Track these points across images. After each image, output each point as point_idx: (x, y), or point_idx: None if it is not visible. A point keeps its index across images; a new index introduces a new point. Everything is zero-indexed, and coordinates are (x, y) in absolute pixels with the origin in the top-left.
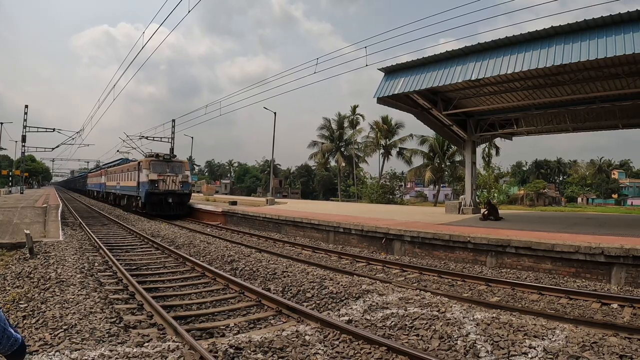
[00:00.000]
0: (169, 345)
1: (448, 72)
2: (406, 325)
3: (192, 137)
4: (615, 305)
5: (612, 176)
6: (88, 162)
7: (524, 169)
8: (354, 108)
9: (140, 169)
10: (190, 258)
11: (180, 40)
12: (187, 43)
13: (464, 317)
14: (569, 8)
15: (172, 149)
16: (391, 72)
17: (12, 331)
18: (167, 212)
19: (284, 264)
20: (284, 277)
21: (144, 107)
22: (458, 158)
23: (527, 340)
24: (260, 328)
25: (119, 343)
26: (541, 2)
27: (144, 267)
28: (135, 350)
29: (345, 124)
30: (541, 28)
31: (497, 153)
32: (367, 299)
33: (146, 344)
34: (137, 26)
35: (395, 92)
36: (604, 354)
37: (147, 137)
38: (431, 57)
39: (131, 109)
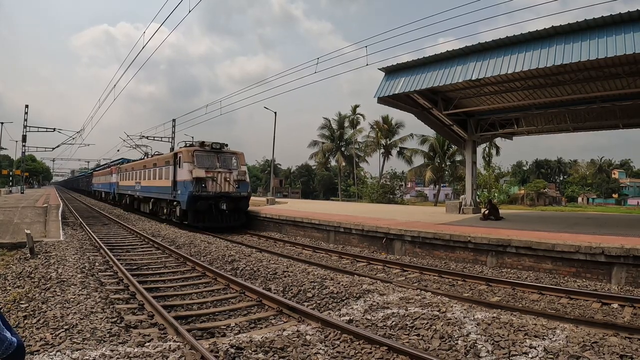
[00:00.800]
0: (170, 345)
1: (448, 72)
2: (407, 325)
3: (193, 137)
4: (615, 305)
5: (613, 176)
6: (88, 162)
7: (525, 168)
8: (355, 108)
9: (179, 162)
10: (191, 258)
11: (180, 40)
12: (187, 42)
13: (464, 317)
14: (569, 8)
15: (172, 148)
16: (391, 72)
17: (7, 334)
18: (219, 223)
19: (284, 264)
20: (285, 277)
21: (144, 106)
22: (458, 158)
23: (527, 340)
24: (261, 328)
25: (120, 343)
26: (541, 2)
27: (145, 267)
28: (136, 350)
29: (346, 124)
30: (542, 28)
31: (498, 153)
32: (368, 298)
33: (147, 344)
34: (137, 25)
35: (396, 92)
36: (604, 354)
37: (147, 137)
38: (431, 57)
39: (131, 108)
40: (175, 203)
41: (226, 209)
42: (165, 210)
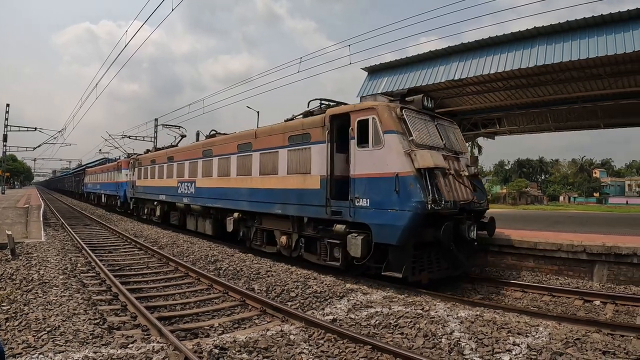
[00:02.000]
0: (154, 346)
1: (431, 72)
2: (390, 323)
3: (175, 137)
4: (597, 302)
5: (594, 175)
6: (70, 162)
7: (507, 168)
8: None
9: (366, 131)
10: (174, 258)
11: (163, 38)
12: (170, 40)
13: (447, 315)
14: (552, 8)
15: (155, 148)
16: (374, 71)
17: None
18: (455, 269)
19: (267, 264)
20: (268, 276)
21: (126, 105)
22: None
23: (510, 338)
24: (245, 328)
25: (103, 344)
26: (525, 3)
27: (127, 268)
28: (119, 351)
29: None
30: (524, 28)
31: (480, 152)
32: (352, 297)
33: (130, 345)
34: (120, 23)
35: (379, 92)
36: (587, 350)
37: (129, 137)
38: (414, 57)
39: (114, 107)
40: (341, 228)
41: (471, 235)
42: (287, 241)
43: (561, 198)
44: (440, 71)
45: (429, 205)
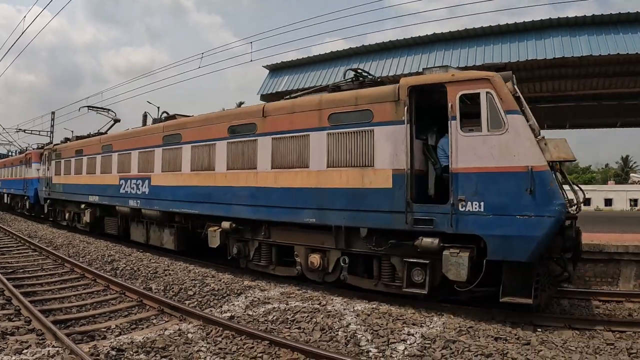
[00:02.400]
0: (49, 350)
1: (332, 72)
2: (288, 319)
3: (72, 131)
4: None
5: None
6: None
7: None
8: (239, 104)
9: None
10: (69, 259)
11: (64, 26)
12: (71, 29)
13: (344, 309)
14: (456, 15)
15: (50, 142)
16: (276, 69)
17: None
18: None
19: (165, 263)
20: (166, 275)
21: (22, 97)
22: None
23: (405, 328)
24: (142, 328)
25: None
26: (430, 9)
27: (21, 270)
28: (13, 358)
29: None
30: (424, 34)
31: None
32: (249, 294)
33: (25, 351)
34: (19, 8)
35: (279, 90)
36: (479, 337)
37: (24, 130)
38: (316, 57)
39: (8, 99)
40: (432, 243)
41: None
42: (321, 261)
43: None
44: (341, 72)
45: (570, 209)
